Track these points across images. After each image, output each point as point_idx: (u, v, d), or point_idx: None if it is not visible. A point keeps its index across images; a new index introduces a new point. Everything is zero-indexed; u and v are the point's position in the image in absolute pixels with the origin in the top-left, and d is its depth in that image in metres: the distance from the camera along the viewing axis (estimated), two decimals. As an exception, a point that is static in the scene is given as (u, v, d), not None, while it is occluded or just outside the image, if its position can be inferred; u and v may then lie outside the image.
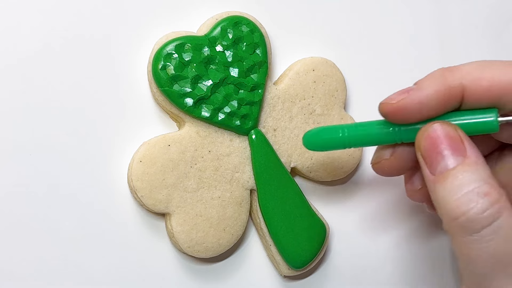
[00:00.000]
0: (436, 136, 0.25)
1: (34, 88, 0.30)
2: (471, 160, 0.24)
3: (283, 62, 0.34)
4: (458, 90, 0.25)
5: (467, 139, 0.25)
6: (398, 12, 0.37)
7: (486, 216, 0.23)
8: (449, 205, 0.24)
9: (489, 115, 0.25)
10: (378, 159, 0.28)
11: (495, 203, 0.23)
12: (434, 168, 0.25)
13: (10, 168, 0.30)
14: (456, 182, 0.24)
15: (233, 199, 0.32)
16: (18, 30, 0.30)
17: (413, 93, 0.25)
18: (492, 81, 0.25)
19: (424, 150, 0.25)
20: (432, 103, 0.25)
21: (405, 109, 0.25)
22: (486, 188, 0.23)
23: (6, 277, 0.30)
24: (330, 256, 0.36)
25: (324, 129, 0.29)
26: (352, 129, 0.28)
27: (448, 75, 0.25)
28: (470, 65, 0.25)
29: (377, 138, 0.27)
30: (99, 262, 0.31)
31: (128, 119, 0.32)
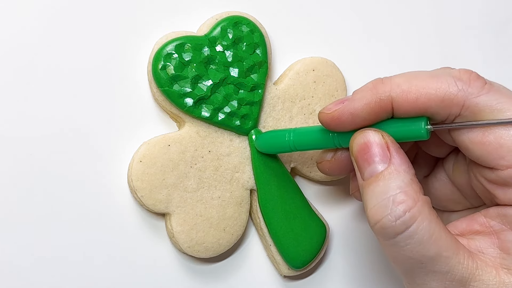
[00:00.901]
0: (364, 143, 0.26)
1: (34, 87, 0.30)
2: (393, 167, 0.26)
3: (283, 62, 0.34)
4: (387, 102, 0.26)
5: (394, 146, 0.26)
6: (398, 12, 0.37)
7: (399, 224, 0.25)
8: (368, 211, 0.26)
9: (418, 124, 0.27)
10: (321, 160, 0.30)
11: (408, 211, 0.25)
12: (363, 173, 0.26)
13: (10, 168, 0.30)
14: (376, 189, 0.25)
15: (233, 199, 0.32)
16: (18, 30, 0.30)
17: (347, 104, 0.27)
18: (418, 94, 0.26)
19: (355, 157, 0.27)
20: (363, 114, 0.27)
21: (339, 119, 0.27)
22: (401, 196, 0.25)
23: (6, 277, 0.30)
24: (330, 256, 0.36)
25: (273, 133, 0.32)
26: (297, 134, 0.30)
27: (379, 87, 0.27)
28: (400, 77, 0.27)
29: (318, 143, 0.29)
30: (99, 262, 0.31)
31: (128, 119, 0.32)
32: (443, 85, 0.26)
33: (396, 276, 0.37)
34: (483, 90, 0.26)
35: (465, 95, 0.26)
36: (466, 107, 0.26)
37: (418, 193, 0.25)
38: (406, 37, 0.37)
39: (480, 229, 0.27)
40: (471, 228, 0.27)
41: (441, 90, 0.26)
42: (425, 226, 0.25)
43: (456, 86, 0.26)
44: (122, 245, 0.32)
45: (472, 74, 0.26)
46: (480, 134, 0.26)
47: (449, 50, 0.38)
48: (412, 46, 0.37)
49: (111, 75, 0.31)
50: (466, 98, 0.26)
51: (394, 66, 0.37)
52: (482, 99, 0.26)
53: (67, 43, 0.30)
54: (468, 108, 0.26)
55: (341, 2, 0.36)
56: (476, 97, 0.26)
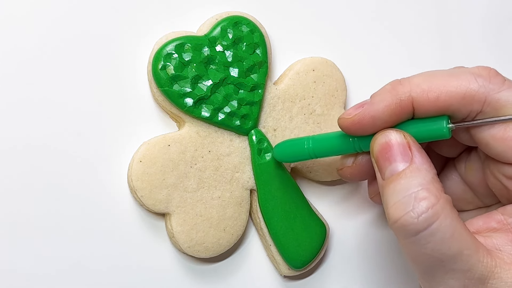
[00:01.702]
0: (385, 143, 0.26)
1: (34, 87, 0.30)
2: (415, 166, 0.25)
3: (283, 62, 0.34)
4: (408, 103, 0.26)
5: (416, 146, 0.26)
6: (398, 12, 0.37)
7: (421, 221, 0.24)
8: (388, 209, 0.25)
9: (439, 123, 0.26)
10: (341, 166, 0.30)
11: (431, 207, 0.24)
12: (383, 173, 0.26)
13: (10, 168, 0.30)
14: (397, 187, 0.25)
15: (233, 199, 0.32)
16: (18, 30, 0.30)
17: (367, 107, 0.27)
18: (439, 93, 0.26)
19: (376, 156, 0.27)
20: (384, 116, 0.27)
21: (360, 123, 0.27)
22: (423, 192, 0.25)
23: (6, 277, 0.30)
24: (330, 256, 0.36)
25: (291, 141, 0.31)
26: (316, 141, 0.30)
27: (398, 88, 0.27)
28: (419, 77, 0.27)
29: (338, 148, 0.29)
30: (99, 262, 0.31)
31: (128, 119, 0.32)
32: (463, 82, 0.26)
33: (396, 275, 0.37)
34: (504, 86, 0.26)
35: (486, 91, 0.26)
36: (487, 103, 0.26)
37: (441, 191, 0.25)
38: (406, 37, 0.37)
39: (497, 226, 0.27)
40: (488, 226, 0.27)
41: (462, 87, 0.26)
42: (447, 224, 0.24)
43: (477, 82, 0.26)
44: (122, 245, 0.32)
45: (492, 71, 0.26)
46: (502, 130, 0.26)
47: (450, 50, 0.38)
48: (412, 45, 0.37)
49: (111, 75, 0.31)
50: (488, 94, 0.26)
51: (394, 66, 0.37)
52: (503, 95, 0.26)
53: (67, 43, 0.30)
54: (490, 104, 0.26)
55: (341, 2, 0.36)
56: (497, 92, 0.26)
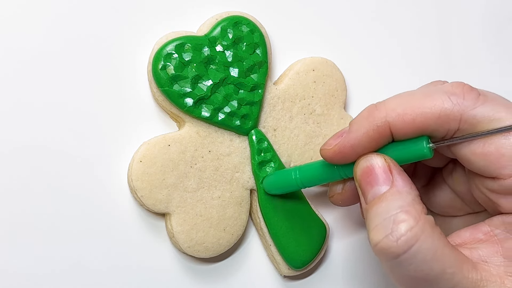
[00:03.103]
0: (366, 167, 0.27)
1: (34, 87, 0.30)
2: (395, 188, 0.26)
3: (283, 62, 0.34)
4: (385, 128, 0.27)
5: (396, 168, 0.26)
6: (398, 12, 0.37)
7: (401, 244, 0.24)
8: (369, 232, 0.25)
9: (420, 144, 0.27)
10: (332, 193, 0.31)
11: (410, 230, 0.24)
12: (366, 197, 0.26)
13: (10, 169, 0.30)
14: (378, 210, 0.25)
15: (233, 199, 0.32)
16: (18, 30, 0.30)
17: (345, 136, 0.27)
18: (414, 115, 0.26)
19: (359, 181, 0.27)
20: (363, 143, 0.27)
21: (341, 152, 0.27)
22: (402, 215, 0.25)
23: (6, 277, 0.30)
24: (330, 256, 0.36)
25: (278, 174, 0.32)
26: (302, 171, 0.30)
27: (374, 114, 0.27)
28: (394, 101, 0.27)
29: (325, 177, 0.30)
30: (99, 262, 0.31)
31: (128, 119, 0.32)
32: (437, 102, 0.26)
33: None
34: (479, 102, 0.26)
35: (461, 109, 0.26)
36: (464, 120, 0.26)
37: (420, 213, 0.25)
38: (406, 36, 0.37)
39: (484, 238, 0.27)
40: (475, 237, 0.27)
41: (436, 107, 0.26)
42: (428, 244, 0.24)
43: (451, 101, 0.26)
44: (122, 245, 0.32)
45: (465, 87, 0.26)
46: (481, 145, 0.26)
47: (449, 50, 0.38)
48: (412, 46, 0.37)
49: (111, 75, 0.31)
50: (463, 111, 0.26)
51: (394, 66, 0.37)
52: (479, 111, 0.26)
53: (67, 44, 0.30)
54: (466, 121, 0.26)
55: (341, 2, 0.36)
56: (472, 109, 0.26)
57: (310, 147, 0.34)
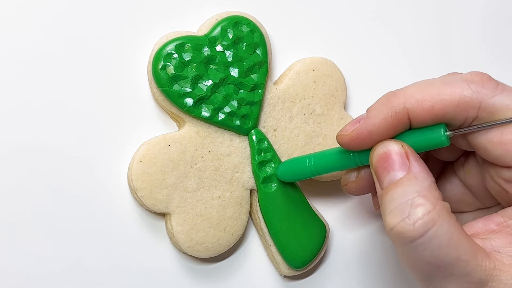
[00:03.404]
0: (383, 153, 0.26)
1: (34, 87, 0.30)
2: (412, 174, 0.26)
3: (283, 62, 0.34)
4: (403, 114, 0.27)
5: (413, 155, 0.26)
6: (398, 12, 0.37)
7: (417, 228, 0.24)
8: (385, 216, 0.25)
9: (437, 131, 0.27)
10: (345, 181, 0.30)
11: (427, 214, 0.24)
12: (382, 183, 0.26)
13: (10, 169, 0.30)
14: (394, 195, 0.25)
15: (233, 199, 0.32)
16: (19, 30, 0.30)
17: (363, 122, 0.27)
18: (433, 102, 0.26)
19: (374, 167, 0.27)
20: (381, 130, 0.27)
21: (358, 138, 0.27)
22: (419, 199, 0.25)
23: (6, 277, 0.30)
24: (330, 256, 0.36)
25: (292, 161, 0.32)
26: (317, 158, 0.30)
27: (393, 100, 0.27)
28: (412, 88, 0.27)
29: (340, 164, 0.30)
30: (98, 262, 0.31)
31: (128, 119, 0.32)
32: (456, 90, 0.26)
33: (396, 275, 0.37)
34: (497, 90, 0.26)
35: (480, 97, 0.26)
36: (482, 108, 0.26)
37: (437, 198, 0.25)
38: (407, 36, 0.37)
39: (496, 228, 0.27)
40: (487, 228, 0.27)
41: (456, 94, 0.26)
42: (444, 230, 0.24)
43: (470, 88, 0.26)
44: (122, 245, 0.32)
45: (484, 76, 0.26)
46: (499, 133, 0.26)
47: (450, 50, 0.38)
48: (412, 45, 0.37)
49: (111, 75, 0.31)
50: (482, 99, 0.26)
51: (394, 66, 0.37)
52: (498, 99, 0.26)
53: (67, 44, 0.30)
54: (485, 109, 0.26)
55: (341, 2, 0.36)
56: (491, 97, 0.26)
57: (310, 147, 0.34)
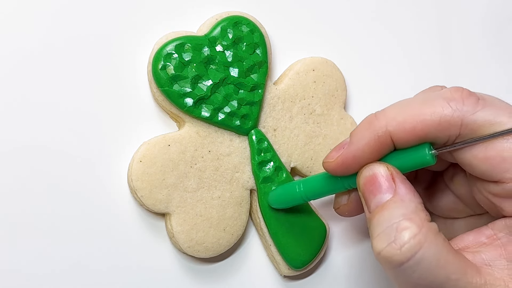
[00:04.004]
0: (369, 176, 0.27)
1: (34, 87, 0.30)
2: (398, 196, 0.26)
3: (283, 62, 0.34)
4: (386, 137, 0.26)
5: (399, 176, 0.26)
6: (398, 13, 0.37)
7: (404, 252, 0.24)
8: (372, 240, 0.25)
9: (422, 151, 0.26)
10: (337, 205, 0.31)
11: (413, 237, 0.24)
12: (369, 206, 0.26)
13: (10, 168, 0.30)
14: (381, 218, 0.25)
15: (233, 199, 0.32)
16: (19, 30, 0.30)
17: (347, 148, 0.27)
18: (414, 123, 0.26)
19: (361, 191, 0.27)
20: (365, 154, 0.27)
21: (344, 164, 0.27)
22: (405, 223, 0.25)
23: (6, 277, 0.30)
24: (330, 256, 0.36)
25: (282, 188, 0.32)
26: (306, 184, 0.30)
27: (375, 123, 0.27)
28: (393, 109, 0.27)
29: (329, 188, 0.30)
30: (99, 262, 0.31)
31: (128, 119, 0.32)
32: (437, 109, 0.26)
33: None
34: (478, 106, 0.26)
35: (461, 114, 0.26)
36: (464, 126, 0.26)
37: (424, 220, 0.25)
38: (407, 36, 0.37)
39: (487, 241, 0.27)
40: (478, 241, 0.27)
41: (436, 114, 0.26)
42: (431, 252, 0.24)
43: (450, 107, 0.26)
44: (122, 245, 0.32)
45: (464, 92, 0.26)
46: (483, 149, 0.26)
47: (450, 50, 0.38)
48: (412, 46, 0.37)
49: (111, 75, 0.31)
50: (463, 117, 0.26)
51: (394, 66, 0.37)
52: (479, 115, 0.26)
53: (67, 44, 0.30)
54: (467, 126, 0.26)
55: (341, 2, 0.36)
56: (472, 114, 0.26)
57: (310, 147, 0.34)
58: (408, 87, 0.37)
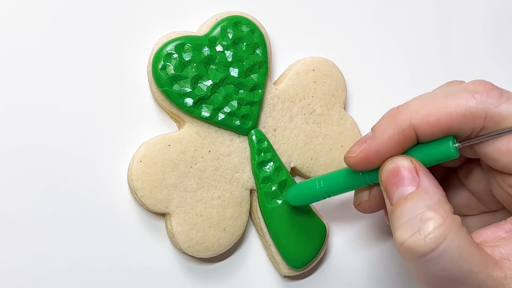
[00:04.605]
0: (392, 169, 0.26)
1: (34, 87, 0.30)
2: (422, 189, 0.25)
3: (283, 62, 0.34)
4: (410, 131, 0.26)
5: (422, 169, 0.26)
6: (398, 12, 0.37)
7: (428, 242, 0.24)
8: (395, 231, 0.25)
9: (446, 144, 0.26)
10: (358, 201, 0.30)
11: (438, 228, 0.24)
12: (391, 198, 0.26)
13: (10, 168, 0.30)
14: (404, 210, 0.25)
15: (233, 199, 0.32)
16: (19, 30, 0.30)
17: (370, 142, 0.27)
18: (439, 115, 0.26)
19: (384, 183, 0.27)
20: (388, 148, 0.27)
21: (367, 158, 0.27)
22: (429, 213, 0.24)
23: (6, 277, 0.30)
24: (330, 256, 0.36)
25: (302, 185, 0.32)
26: (327, 180, 0.30)
27: (398, 117, 0.27)
28: (416, 102, 0.27)
29: (350, 184, 0.29)
30: (99, 262, 0.31)
31: (128, 119, 0.32)
32: (461, 101, 0.26)
33: (396, 275, 0.37)
34: (502, 99, 0.26)
35: (485, 106, 0.26)
36: (489, 118, 0.26)
37: (448, 212, 0.25)
38: (407, 36, 0.37)
39: (506, 236, 0.27)
40: (496, 235, 0.27)
41: (461, 106, 0.26)
42: (455, 243, 0.24)
43: (475, 99, 0.26)
44: (122, 245, 0.32)
45: (488, 85, 0.26)
46: (506, 142, 0.26)
47: (450, 50, 0.38)
48: (412, 46, 0.37)
49: (111, 75, 0.31)
50: (488, 109, 0.26)
51: (394, 66, 0.37)
52: (503, 108, 0.26)
53: (67, 44, 0.30)
54: (491, 118, 0.26)
55: (341, 2, 0.36)
56: (497, 106, 0.26)
57: (310, 147, 0.34)
58: (408, 87, 0.37)
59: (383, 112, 0.29)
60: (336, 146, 0.35)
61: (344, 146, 0.35)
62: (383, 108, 0.37)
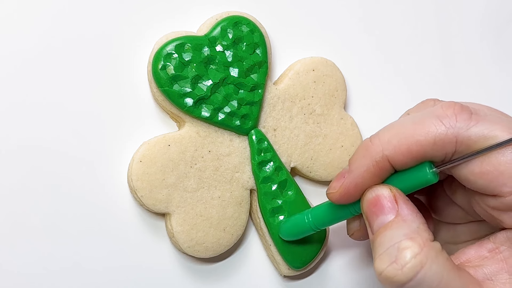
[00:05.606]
0: (372, 198, 0.27)
1: (34, 87, 0.30)
2: (400, 217, 0.26)
3: (283, 62, 0.34)
4: (384, 162, 0.26)
5: (402, 197, 0.26)
6: (398, 12, 0.37)
7: (405, 272, 0.24)
8: (374, 260, 0.25)
9: (423, 170, 0.26)
10: (351, 231, 0.31)
11: (414, 257, 0.24)
12: (372, 227, 0.26)
13: (10, 169, 0.30)
14: (383, 239, 0.25)
15: (233, 199, 0.32)
16: (19, 30, 0.30)
17: (348, 177, 0.27)
18: (409, 145, 0.26)
19: (365, 213, 0.27)
20: (366, 180, 0.27)
21: (346, 193, 0.28)
22: (406, 242, 0.25)
23: (6, 277, 0.30)
24: (330, 256, 0.36)
25: (292, 221, 0.32)
26: (314, 214, 0.30)
27: (371, 149, 0.27)
28: (387, 132, 0.27)
29: (337, 216, 0.30)
30: (98, 262, 0.31)
31: (128, 119, 0.32)
32: (430, 129, 0.26)
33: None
34: (472, 121, 0.25)
35: (455, 131, 0.25)
36: (459, 142, 0.25)
37: (426, 240, 0.25)
38: (406, 37, 0.37)
39: (488, 255, 0.27)
40: (480, 255, 0.27)
41: (430, 134, 0.26)
42: (433, 271, 0.24)
43: (443, 125, 0.25)
44: (122, 245, 0.32)
45: (456, 107, 0.26)
46: (479, 164, 0.25)
47: (449, 50, 0.38)
48: (412, 46, 0.37)
49: (111, 75, 0.31)
50: (457, 134, 0.25)
51: (394, 66, 0.37)
52: (473, 131, 0.25)
53: (67, 44, 0.30)
54: (462, 142, 0.25)
55: (341, 2, 0.36)
56: (466, 130, 0.25)
57: (310, 147, 0.34)
58: (407, 87, 0.37)
59: (383, 112, 0.29)
60: (336, 146, 0.35)
61: (344, 146, 0.35)
62: (383, 108, 0.37)
